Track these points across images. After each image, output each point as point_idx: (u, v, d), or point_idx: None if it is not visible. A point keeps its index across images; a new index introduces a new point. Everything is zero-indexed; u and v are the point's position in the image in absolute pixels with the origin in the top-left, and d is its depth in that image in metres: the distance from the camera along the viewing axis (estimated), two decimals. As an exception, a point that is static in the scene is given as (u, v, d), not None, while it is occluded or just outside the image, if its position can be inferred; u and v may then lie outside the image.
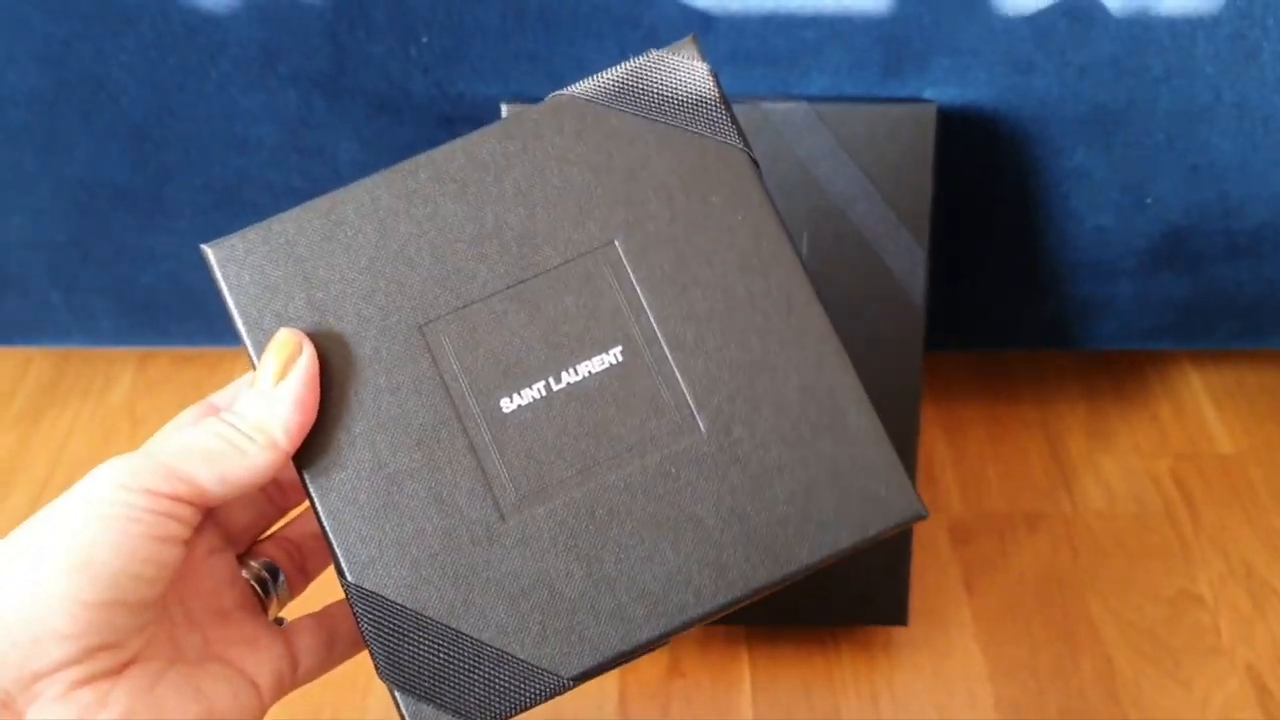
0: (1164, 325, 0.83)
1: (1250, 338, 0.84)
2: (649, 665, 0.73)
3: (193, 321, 0.82)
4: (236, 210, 0.76)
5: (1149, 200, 0.76)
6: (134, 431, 0.87)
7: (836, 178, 0.66)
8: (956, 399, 0.90)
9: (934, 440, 0.87)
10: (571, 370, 0.49)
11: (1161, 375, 0.93)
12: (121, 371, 0.92)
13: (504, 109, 0.65)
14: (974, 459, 0.86)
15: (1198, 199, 0.76)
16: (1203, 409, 0.90)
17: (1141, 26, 0.69)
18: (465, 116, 0.72)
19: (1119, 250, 0.78)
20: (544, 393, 0.49)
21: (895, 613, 0.72)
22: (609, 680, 0.72)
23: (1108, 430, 0.88)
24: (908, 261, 0.67)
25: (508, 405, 0.48)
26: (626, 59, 0.51)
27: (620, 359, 0.49)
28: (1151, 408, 0.90)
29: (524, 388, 0.49)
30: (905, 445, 0.69)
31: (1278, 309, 0.81)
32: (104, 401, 0.89)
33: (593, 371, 0.49)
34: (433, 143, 0.73)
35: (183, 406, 0.88)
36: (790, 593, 0.72)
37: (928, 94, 0.71)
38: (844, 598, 0.72)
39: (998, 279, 0.79)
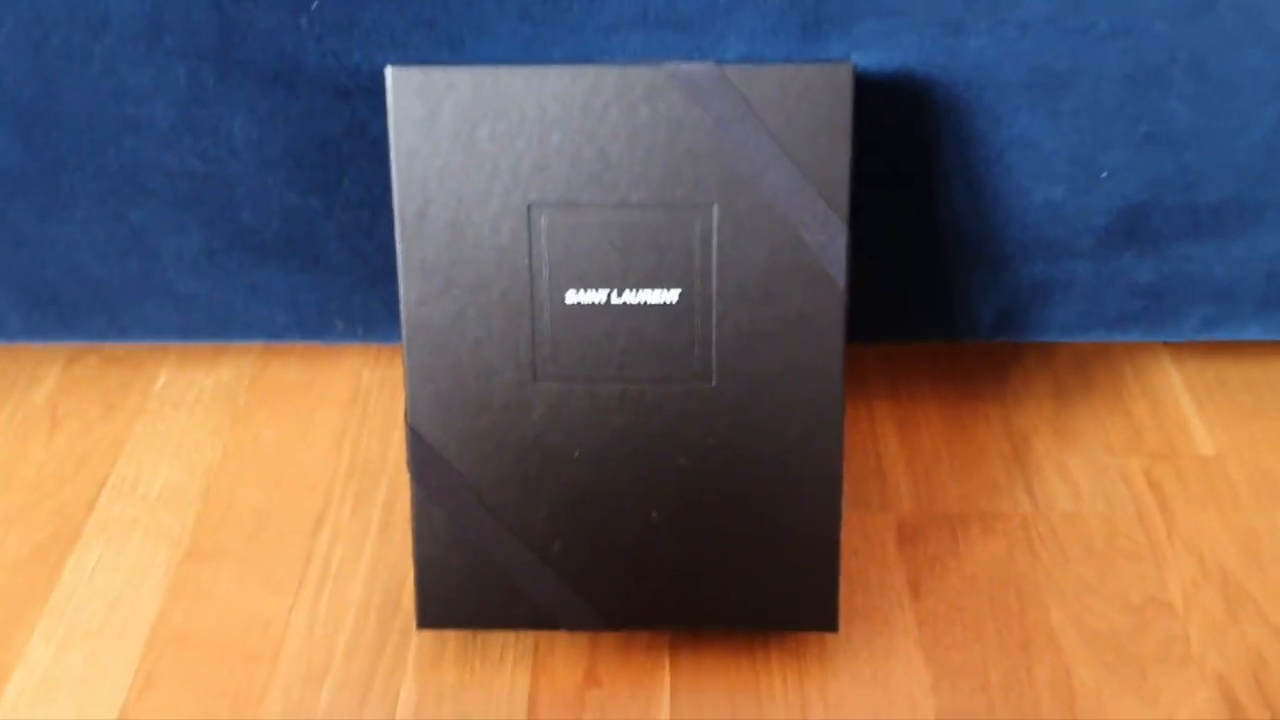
0: (1130, 312, 0.77)
1: (1224, 326, 0.78)
2: (563, 673, 0.68)
3: (99, 317, 0.78)
4: (133, 196, 0.72)
5: (1103, 174, 0.70)
6: (53, 432, 0.84)
7: (747, 145, 0.61)
8: (913, 393, 0.85)
9: (887, 435, 0.82)
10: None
11: (1138, 371, 0.87)
12: (48, 371, 0.88)
13: (389, 73, 0.61)
14: (928, 456, 0.81)
15: (1156, 171, 0.70)
16: (1182, 407, 0.84)
17: (1080, -21, 0.64)
18: (364, 88, 0.68)
19: (1073, 227, 0.72)
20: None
21: (823, 617, 0.67)
22: (517, 688, 0.67)
23: (1076, 428, 0.83)
24: (826, 234, 0.62)
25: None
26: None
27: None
28: (1126, 405, 0.84)
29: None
30: (829, 433, 0.64)
31: (1252, 292, 0.76)
32: (25, 401, 0.86)
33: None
34: (332, 117, 0.70)
35: (107, 408, 0.86)
36: (711, 594, 0.67)
37: (854, 59, 0.67)
38: (768, 600, 0.67)
39: (944, 260, 0.74)
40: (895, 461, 0.80)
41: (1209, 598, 0.72)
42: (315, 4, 0.65)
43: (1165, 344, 0.89)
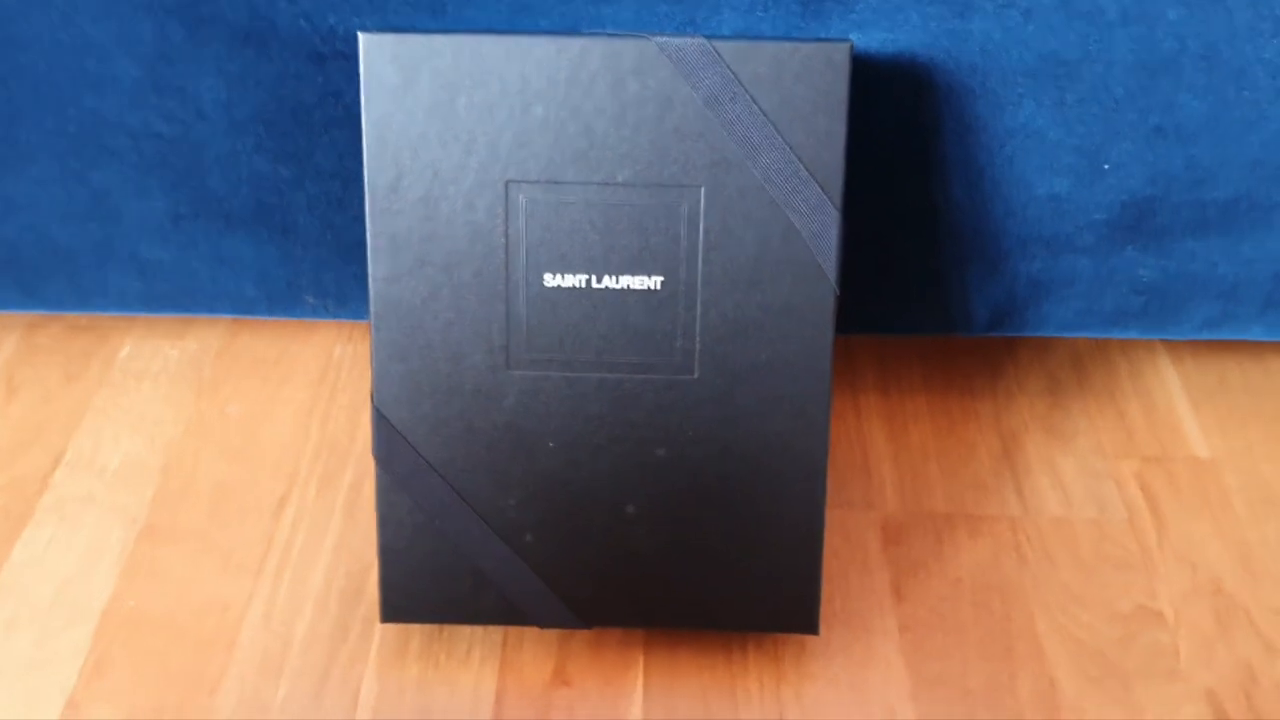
0: (1129, 310, 0.74)
1: (1227, 326, 0.75)
2: (531, 670, 0.66)
3: (59, 281, 0.75)
4: (95, 156, 0.69)
5: (1107, 165, 0.68)
6: (8, 401, 0.81)
7: (738, 124, 0.58)
8: (904, 387, 0.82)
9: (874, 431, 0.79)
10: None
11: (1133, 369, 0.84)
12: (6, 337, 0.85)
13: (361, 40, 0.58)
14: (916, 453, 0.78)
15: (1163, 165, 0.67)
16: (1177, 408, 0.82)
17: (1093, -38, 0.61)
18: (339, 53, 0.65)
19: (1075, 222, 0.70)
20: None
21: (803, 619, 0.64)
22: (483, 685, 0.65)
23: (1069, 428, 0.80)
24: (818, 221, 0.59)
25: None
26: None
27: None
28: (1120, 404, 0.82)
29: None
30: (815, 429, 0.62)
31: (1257, 293, 0.73)
32: (-19, 369, 0.83)
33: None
34: (304, 81, 0.67)
35: (67, 378, 0.82)
36: (687, 592, 0.64)
37: (854, 38, 0.64)
38: (746, 600, 0.64)
39: (938, 253, 0.71)
40: (881, 458, 0.78)
41: (1199, 609, 0.69)
42: (288, -39, 0.62)
43: (1163, 342, 0.86)
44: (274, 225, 0.72)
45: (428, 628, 0.67)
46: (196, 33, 0.64)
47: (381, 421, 0.62)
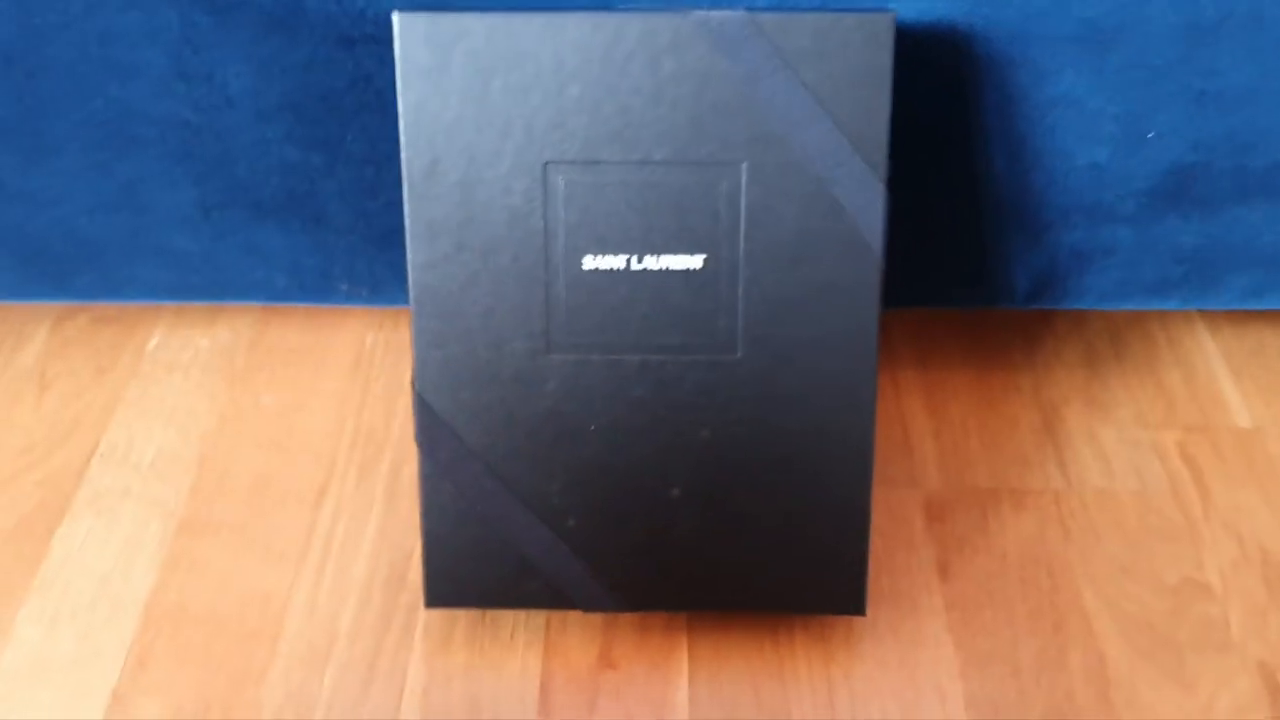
0: (1170, 279, 0.73)
1: (1269, 295, 0.74)
2: (577, 654, 0.65)
3: (90, 274, 0.75)
4: (123, 147, 0.68)
5: (1150, 134, 0.66)
6: (40, 396, 0.80)
7: (779, 99, 0.57)
8: (942, 362, 0.81)
9: (914, 407, 0.78)
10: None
11: (1171, 339, 0.83)
12: (35, 331, 0.85)
13: (396, 19, 0.57)
14: (957, 428, 0.77)
15: (1205, 132, 0.66)
16: (1217, 376, 0.81)
17: (1136, -74, 0.60)
18: (369, 36, 0.64)
19: (1116, 191, 0.69)
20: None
21: (850, 601, 0.64)
22: (529, 669, 0.64)
23: (1109, 399, 0.79)
24: (863, 196, 0.58)
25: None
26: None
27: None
28: (1159, 374, 0.81)
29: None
30: (861, 407, 0.61)
31: (1300, 260, 0.72)
32: (11, 363, 0.82)
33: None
34: (334, 67, 0.66)
35: (98, 370, 0.82)
36: (732, 575, 0.64)
37: (891, 7, 0.63)
38: (792, 582, 0.64)
39: (978, 225, 0.71)
40: (923, 434, 0.77)
41: (1249, 579, 0.69)
42: (317, -56, 0.61)
43: (1200, 311, 0.85)
44: (305, 213, 0.71)
45: (472, 613, 0.67)
46: (223, 19, 0.63)
47: (424, 407, 0.61)
